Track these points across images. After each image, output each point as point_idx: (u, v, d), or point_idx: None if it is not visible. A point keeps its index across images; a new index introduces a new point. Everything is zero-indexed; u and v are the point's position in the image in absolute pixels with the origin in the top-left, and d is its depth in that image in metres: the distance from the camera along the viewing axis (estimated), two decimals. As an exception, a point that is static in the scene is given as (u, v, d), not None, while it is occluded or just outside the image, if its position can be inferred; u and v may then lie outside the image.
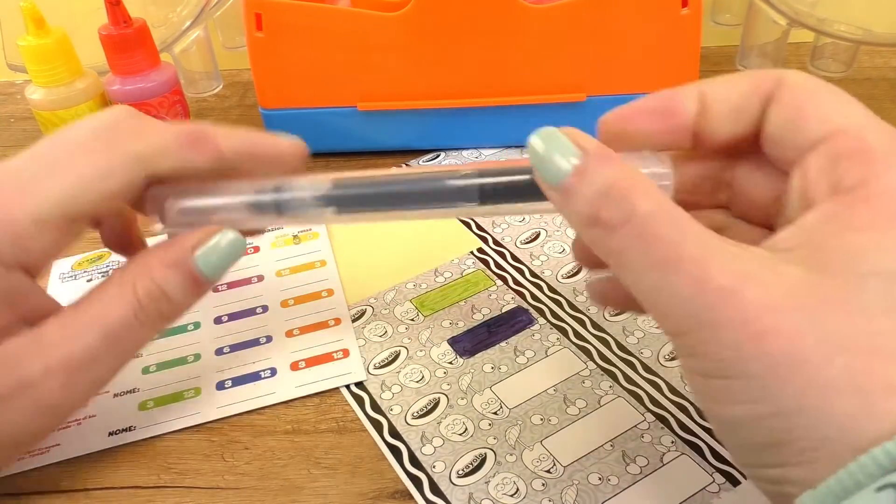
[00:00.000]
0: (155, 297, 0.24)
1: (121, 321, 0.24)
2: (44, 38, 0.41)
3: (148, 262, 0.25)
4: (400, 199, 0.25)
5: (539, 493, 0.26)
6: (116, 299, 0.24)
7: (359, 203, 0.26)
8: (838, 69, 0.52)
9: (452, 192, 0.24)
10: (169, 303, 0.24)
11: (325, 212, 0.26)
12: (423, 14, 0.40)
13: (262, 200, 0.26)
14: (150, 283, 0.24)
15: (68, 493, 0.28)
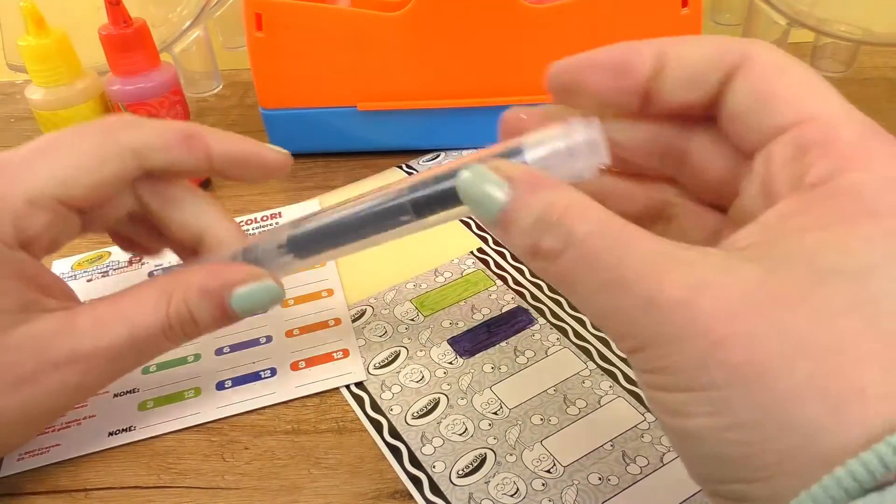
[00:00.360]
0: (184, 320, 0.25)
1: (148, 331, 0.25)
2: (44, 38, 0.41)
3: (189, 283, 0.26)
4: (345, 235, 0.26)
5: (539, 493, 0.26)
6: (151, 309, 0.25)
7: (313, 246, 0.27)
8: (838, 69, 0.52)
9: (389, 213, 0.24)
10: (195, 326, 0.26)
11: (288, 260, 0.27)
12: (423, 14, 0.40)
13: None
14: (183, 306, 0.25)
15: (68, 493, 0.28)
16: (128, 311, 0.25)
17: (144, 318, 0.25)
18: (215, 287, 0.26)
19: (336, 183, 0.44)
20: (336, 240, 0.26)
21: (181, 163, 0.26)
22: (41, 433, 0.29)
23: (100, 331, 0.25)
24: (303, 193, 0.43)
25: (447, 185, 0.23)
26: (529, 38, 0.41)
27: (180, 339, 0.26)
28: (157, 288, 0.26)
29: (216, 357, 0.33)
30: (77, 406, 0.31)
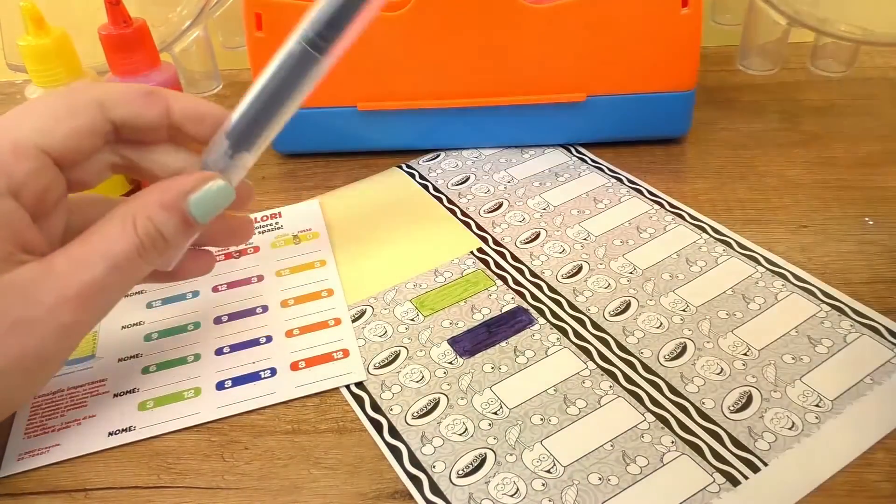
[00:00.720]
0: (153, 237, 0.27)
1: (125, 255, 0.27)
2: (44, 38, 0.41)
3: (147, 203, 0.27)
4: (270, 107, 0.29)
5: (539, 493, 0.26)
6: (120, 236, 0.27)
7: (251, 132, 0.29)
8: (838, 69, 0.52)
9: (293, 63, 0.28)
10: (164, 242, 0.27)
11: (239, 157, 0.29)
12: (423, 14, 0.40)
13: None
14: (148, 224, 0.27)
15: (68, 493, 0.28)
16: (100, 245, 0.27)
17: (117, 246, 0.27)
18: (172, 198, 0.27)
19: (336, 183, 0.44)
20: (266, 115, 0.29)
21: (143, 115, 0.28)
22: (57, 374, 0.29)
23: (79, 268, 0.26)
24: (302, 193, 0.43)
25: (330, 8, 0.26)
26: (529, 38, 0.41)
27: (154, 258, 0.28)
28: (119, 216, 0.27)
29: (216, 357, 0.33)
30: (76, 406, 0.31)
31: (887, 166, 0.42)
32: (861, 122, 0.46)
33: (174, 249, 0.28)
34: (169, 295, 0.37)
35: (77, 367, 0.33)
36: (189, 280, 0.37)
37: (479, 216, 0.40)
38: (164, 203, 0.27)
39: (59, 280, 0.26)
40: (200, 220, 0.28)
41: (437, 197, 0.42)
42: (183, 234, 0.28)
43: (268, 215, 0.42)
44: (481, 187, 0.43)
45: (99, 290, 0.26)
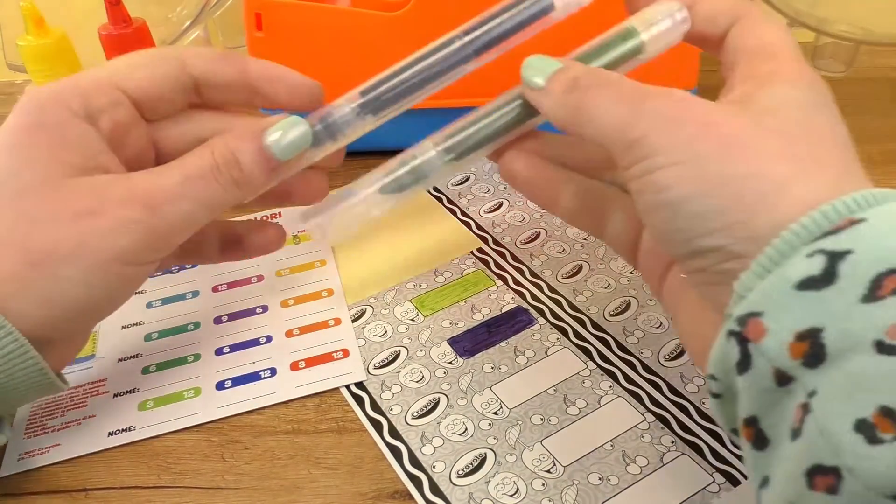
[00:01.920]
0: (229, 161, 0.27)
1: (199, 171, 0.27)
2: (44, 38, 0.41)
3: (225, 135, 0.28)
4: (415, 86, 0.30)
5: (539, 493, 0.26)
6: (197, 156, 0.27)
7: (388, 102, 0.30)
8: (838, 69, 0.52)
9: (452, 54, 0.29)
10: (241, 171, 0.27)
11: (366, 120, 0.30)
12: (423, 14, 0.40)
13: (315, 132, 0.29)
14: (225, 149, 0.27)
15: (68, 493, 0.28)
16: (177, 162, 0.27)
17: (193, 163, 0.27)
18: (251, 131, 0.28)
19: (336, 183, 0.44)
20: (406, 95, 0.30)
21: (221, 71, 0.29)
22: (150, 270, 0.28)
23: (153, 176, 0.27)
24: (303, 193, 0.43)
25: (502, 23, 0.29)
26: (529, 38, 0.41)
27: (229, 185, 0.27)
28: (198, 148, 0.28)
29: (216, 357, 0.33)
30: (76, 406, 0.31)
31: (887, 166, 0.42)
32: (861, 122, 0.46)
33: (250, 180, 0.28)
34: (169, 295, 0.37)
35: (77, 367, 0.33)
36: (189, 280, 0.37)
37: (479, 216, 0.40)
38: (243, 134, 0.28)
39: (132, 182, 0.26)
40: (278, 154, 0.28)
41: (437, 197, 0.42)
42: (259, 165, 0.28)
43: (267, 215, 0.42)
44: (481, 187, 0.43)
45: (169, 198, 0.26)
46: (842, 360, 0.17)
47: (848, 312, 0.17)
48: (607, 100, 0.22)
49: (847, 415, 0.16)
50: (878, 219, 0.18)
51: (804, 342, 0.17)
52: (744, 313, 0.19)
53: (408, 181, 0.30)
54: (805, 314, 0.17)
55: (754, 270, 0.19)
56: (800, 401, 0.18)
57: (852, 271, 0.17)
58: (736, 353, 0.19)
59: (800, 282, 0.18)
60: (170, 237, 0.27)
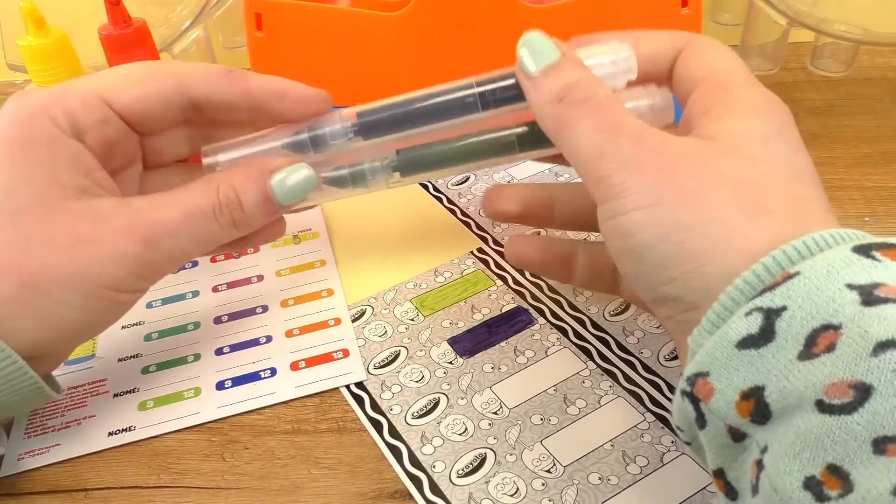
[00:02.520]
0: (231, 202, 0.27)
1: (201, 208, 0.27)
2: (44, 38, 0.41)
3: (232, 174, 0.28)
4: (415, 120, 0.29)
5: (539, 493, 0.26)
6: (201, 192, 0.27)
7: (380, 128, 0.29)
8: (838, 69, 0.52)
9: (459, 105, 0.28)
10: (242, 212, 0.28)
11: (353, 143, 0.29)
12: (423, 14, 0.40)
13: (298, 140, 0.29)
14: (229, 189, 0.27)
15: (68, 493, 0.28)
16: (179, 195, 0.27)
17: (195, 199, 0.27)
18: (257, 173, 0.28)
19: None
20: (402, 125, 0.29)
21: (223, 91, 0.28)
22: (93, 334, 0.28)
23: (154, 207, 0.27)
24: (303, 193, 0.43)
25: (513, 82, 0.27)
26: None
27: (229, 225, 0.28)
28: (205, 180, 0.28)
29: (216, 357, 0.33)
30: (76, 406, 0.31)
31: (887, 166, 0.42)
32: (861, 122, 0.46)
33: (249, 222, 0.28)
34: (169, 295, 0.37)
35: (77, 367, 0.33)
36: (189, 280, 0.37)
37: (479, 216, 0.40)
38: (249, 175, 0.28)
39: (133, 212, 0.26)
40: (280, 200, 0.28)
41: (437, 197, 0.42)
42: (261, 208, 0.28)
43: (268, 215, 0.42)
44: (481, 187, 0.43)
45: (168, 233, 0.26)
46: (787, 416, 0.17)
47: (787, 371, 0.17)
48: (587, 126, 0.23)
49: (796, 472, 0.16)
50: (812, 271, 0.18)
51: (749, 401, 0.18)
52: (692, 373, 0.19)
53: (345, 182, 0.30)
54: (747, 373, 0.18)
55: (704, 326, 0.20)
56: (755, 457, 0.18)
57: (787, 328, 0.18)
58: (691, 411, 0.20)
59: (740, 341, 0.18)
60: (161, 269, 0.28)
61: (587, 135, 0.23)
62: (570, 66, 0.24)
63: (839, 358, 0.17)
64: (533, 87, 0.25)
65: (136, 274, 0.26)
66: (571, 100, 0.23)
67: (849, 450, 0.16)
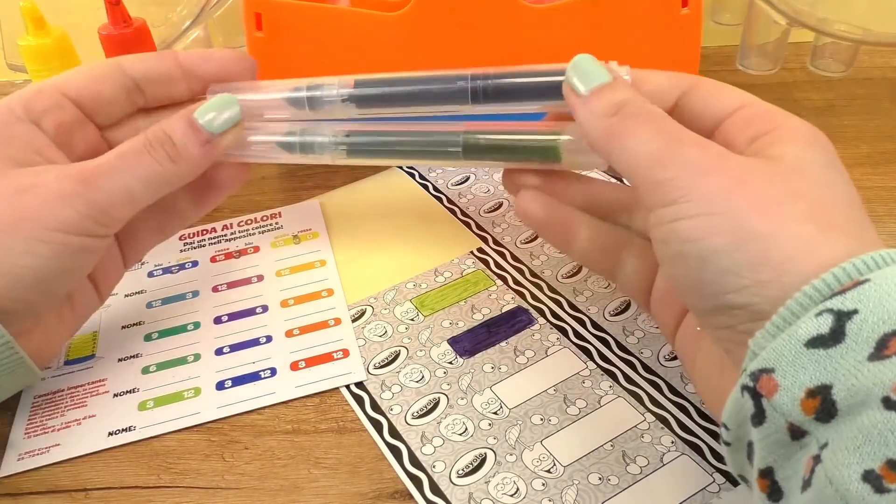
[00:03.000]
0: (160, 137, 0.29)
1: (132, 147, 0.29)
2: (44, 37, 0.41)
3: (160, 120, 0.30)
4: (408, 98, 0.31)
5: (539, 493, 0.26)
6: (132, 140, 0.29)
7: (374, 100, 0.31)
8: (838, 69, 0.52)
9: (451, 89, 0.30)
10: (174, 146, 0.29)
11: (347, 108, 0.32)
12: (423, 14, 0.40)
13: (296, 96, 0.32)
14: (157, 129, 0.29)
15: (68, 493, 0.28)
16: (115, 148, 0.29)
17: (128, 143, 0.29)
18: (182, 112, 0.30)
19: (336, 183, 0.44)
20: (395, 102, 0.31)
21: (155, 67, 0.31)
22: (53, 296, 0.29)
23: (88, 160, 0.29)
24: (302, 193, 0.43)
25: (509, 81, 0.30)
26: (529, 38, 0.41)
27: (166, 159, 0.29)
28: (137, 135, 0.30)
29: (216, 357, 0.33)
30: (76, 406, 0.31)
31: (887, 166, 0.42)
32: (861, 122, 0.46)
33: (185, 155, 0.29)
34: (169, 295, 0.37)
35: (77, 367, 0.33)
36: (189, 280, 0.37)
37: (479, 216, 0.40)
38: (174, 116, 0.30)
39: (70, 165, 0.28)
40: (207, 128, 0.30)
41: (437, 197, 0.42)
42: (190, 138, 0.29)
43: (268, 215, 0.42)
44: (481, 187, 0.43)
45: (104, 172, 0.28)
46: (852, 415, 0.17)
47: (856, 370, 0.18)
48: (645, 133, 0.23)
49: (855, 465, 0.17)
50: (883, 279, 0.18)
51: (815, 398, 0.18)
52: (756, 369, 0.19)
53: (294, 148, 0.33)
54: (815, 371, 0.18)
55: (768, 329, 0.20)
56: (812, 453, 0.18)
57: (858, 331, 0.18)
58: (750, 407, 0.20)
59: (809, 340, 0.18)
60: (110, 210, 0.28)
61: (646, 141, 0.23)
62: (623, 87, 0.25)
63: None
64: (583, 103, 0.25)
65: (83, 213, 0.27)
66: (627, 112, 0.24)
67: None
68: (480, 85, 0.30)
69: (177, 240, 0.40)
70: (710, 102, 0.25)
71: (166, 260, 0.39)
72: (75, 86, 0.30)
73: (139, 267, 0.38)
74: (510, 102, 0.30)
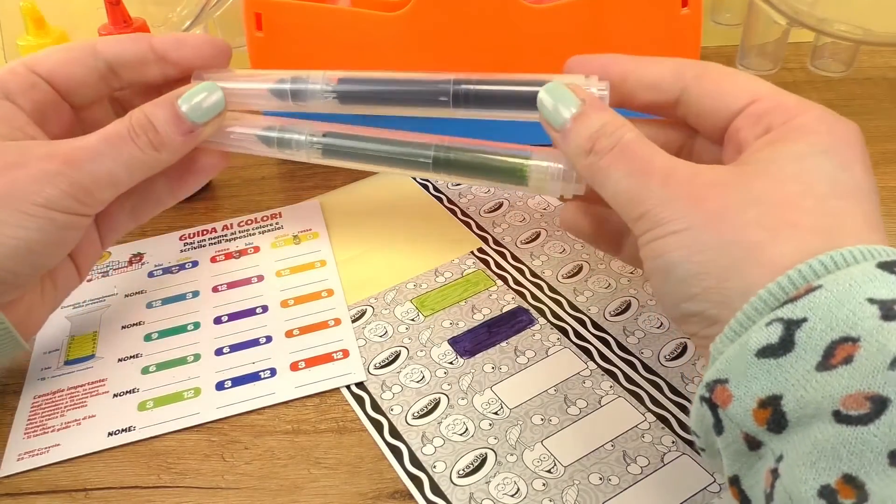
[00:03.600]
0: (143, 125, 0.29)
1: (117, 132, 0.29)
2: (44, 38, 0.41)
3: (143, 105, 0.30)
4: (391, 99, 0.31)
5: (540, 493, 0.26)
6: (116, 124, 0.30)
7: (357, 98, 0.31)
8: (838, 69, 0.52)
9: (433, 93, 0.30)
10: (156, 133, 0.29)
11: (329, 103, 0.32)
12: (423, 14, 0.40)
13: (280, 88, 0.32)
14: (140, 115, 0.30)
15: (68, 493, 0.28)
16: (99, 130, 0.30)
17: (112, 127, 0.29)
18: (164, 98, 0.30)
19: (336, 183, 0.44)
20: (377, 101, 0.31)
21: (129, 49, 0.31)
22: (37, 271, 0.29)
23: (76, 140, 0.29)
24: (302, 193, 0.43)
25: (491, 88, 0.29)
26: (529, 38, 0.41)
27: (148, 146, 0.29)
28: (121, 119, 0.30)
29: (216, 357, 0.33)
30: (76, 406, 0.31)
31: (887, 166, 0.42)
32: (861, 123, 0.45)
33: (167, 142, 0.30)
34: (169, 295, 0.37)
35: (77, 367, 0.33)
36: (189, 280, 0.37)
37: (479, 216, 0.40)
38: (157, 101, 0.30)
39: (55, 144, 0.29)
40: (191, 117, 0.30)
41: (438, 197, 0.42)
42: (173, 126, 0.30)
43: (268, 215, 0.42)
44: (482, 187, 0.43)
45: (89, 155, 0.28)
46: (803, 426, 0.18)
47: (805, 380, 0.18)
48: (618, 173, 0.24)
49: (812, 481, 0.17)
50: (834, 285, 0.18)
51: (766, 409, 0.18)
52: (711, 380, 0.20)
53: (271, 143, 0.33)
54: (766, 382, 0.18)
55: (726, 334, 0.20)
56: (770, 465, 0.19)
57: (807, 339, 0.18)
58: (710, 417, 0.20)
59: (759, 350, 0.19)
60: (94, 191, 0.29)
61: (620, 181, 0.24)
62: (594, 112, 0.25)
63: (856, 370, 0.17)
64: (563, 140, 0.26)
65: (67, 193, 0.28)
66: (600, 149, 0.24)
67: (864, 460, 0.16)
68: (462, 90, 0.30)
69: (177, 240, 0.40)
70: (719, 97, 0.25)
71: (166, 260, 0.39)
72: (49, 66, 0.30)
73: (139, 267, 0.38)
74: (492, 109, 0.30)
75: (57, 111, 0.31)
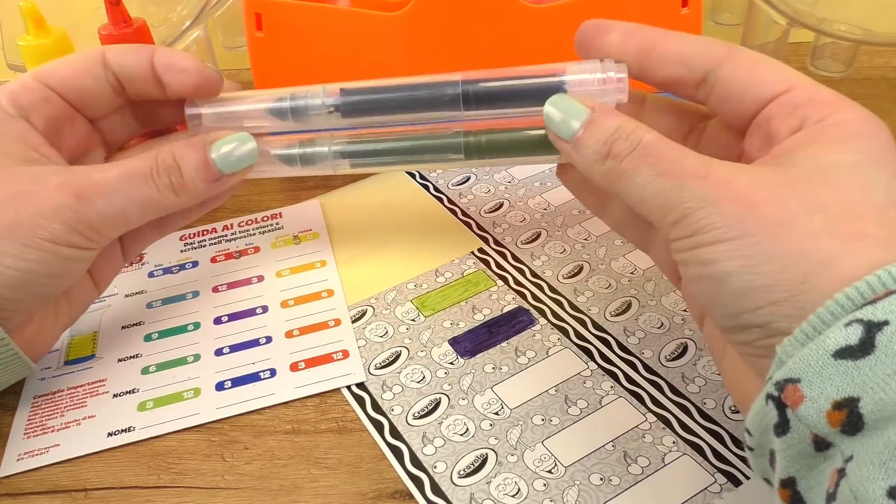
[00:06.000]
0: (169, 166, 0.29)
1: (138, 170, 0.28)
2: (44, 38, 0.41)
3: (172, 144, 0.29)
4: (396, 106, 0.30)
5: (540, 494, 0.26)
6: (141, 158, 0.29)
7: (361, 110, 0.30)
8: (838, 69, 0.52)
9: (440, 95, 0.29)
10: (180, 177, 0.29)
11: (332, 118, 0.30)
12: (423, 14, 0.40)
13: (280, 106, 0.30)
14: (168, 155, 0.29)
15: (68, 493, 0.28)
16: (120, 162, 0.29)
17: (134, 162, 0.29)
18: (195, 141, 0.29)
19: (336, 183, 0.44)
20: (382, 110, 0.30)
21: (130, 62, 0.30)
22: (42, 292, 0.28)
23: (94, 170, 0.28)
24: (303, 194, 0.43)
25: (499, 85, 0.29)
26: (529, 38, 0.41)
27: (167, 188, 0.29)
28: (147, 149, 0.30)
29: (216, 357, 0.33)
30: (75, 406, 0.31)
31: (888, 166, 0.42)
32: (861, 123, 0.46)
33: (189, 188, 0.29)
34: (169, 295, 0.37)
35: (77, 367, 0.33)
36: (189, 280, 0.37)
37: (479, 216, 0.40)
38: (190, 143, 0.29)
39: (72, 173, 0.28)
40: (222, 168, 0.29)
41: (438, 197, 0.42)
42: (200, 175, 0.29)
43: (268, 215, 0.42)
44: (482, 187, 0.43)
45: (103, 191, 0.28)
46: (879, 428, 0.17)
47: (884, 383, 0.17)
48: (646, 174, 0.22)
49: (881, 481, 0.16)
50: None
51: (842, 411, 0.18)
52: (782, 379, 0.19)
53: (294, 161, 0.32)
54: (843, 383, 0.18)
55: (796, 337, 0.19)
56: (837, 466, 0.18)
57: (889, 342, 0.17)
58: (774, 416, 0.19)
59: (837, 351, 0.18)
60: (101, 228, 0.28)
61: (648, 184, 0.22)
62: (605, 117, 0.24)
63: None
64: (574, 149, 0.25)
65: (72, 228, 0.27)
66: (618, 152, 0.23)
67: None
68: (471, 89, 0.29)
69: (177, 240, 0.40)
70: (751, 82, 0.24)
71: (166, 260, 0.39)
72: (60, 79, 0.30)
73: (139, 267, 0.38)
74: (503, 106, 0.29)
75: (72, 124, 0.30)
